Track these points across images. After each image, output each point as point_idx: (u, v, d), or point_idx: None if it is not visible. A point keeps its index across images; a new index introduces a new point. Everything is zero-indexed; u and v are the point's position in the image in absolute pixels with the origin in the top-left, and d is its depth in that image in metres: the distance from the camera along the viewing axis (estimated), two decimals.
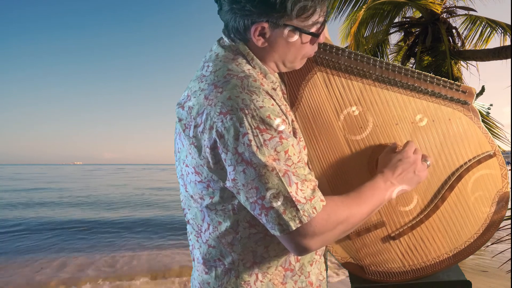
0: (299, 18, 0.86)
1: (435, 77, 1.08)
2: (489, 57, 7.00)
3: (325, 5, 0.89)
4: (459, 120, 1.08)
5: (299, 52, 0.93)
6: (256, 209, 0.81)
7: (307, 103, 1.09)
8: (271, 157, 0.79)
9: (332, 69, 1.10)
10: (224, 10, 0.89)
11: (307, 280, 0.99)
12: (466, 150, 1.09)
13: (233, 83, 0.84)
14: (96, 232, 9.81)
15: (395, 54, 9.48)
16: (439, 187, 1.10)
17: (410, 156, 1.00)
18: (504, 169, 1.09)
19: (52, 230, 10.09)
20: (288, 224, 0.80)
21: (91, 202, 17.46)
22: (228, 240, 0.92)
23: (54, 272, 6.11)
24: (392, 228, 1.12)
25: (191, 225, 0.99)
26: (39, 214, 13.24)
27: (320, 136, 1.09)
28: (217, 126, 0.81)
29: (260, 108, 0.80)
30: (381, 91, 1.09)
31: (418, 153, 1.02)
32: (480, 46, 8.21)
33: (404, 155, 1.00)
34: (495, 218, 1.11)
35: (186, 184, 0.94)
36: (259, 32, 0.87)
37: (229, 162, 0.81)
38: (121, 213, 13.38)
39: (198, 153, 0.86)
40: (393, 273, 1.15)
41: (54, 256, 7.20)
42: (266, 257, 0.93)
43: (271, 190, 0.79)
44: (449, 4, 8.37)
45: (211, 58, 0.93)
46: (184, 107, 0.90)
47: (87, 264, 6.54)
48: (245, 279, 0.93)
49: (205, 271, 0.97)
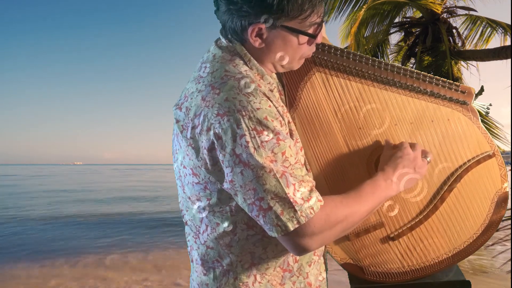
0: (296, 19, 0.86)
1: (434, 77, 1.08)
2: (489, 57, 6.99)
3: (322, 6, 0.88)
4: (458, 120, 1.08)
5: (297, 53, 0.93)
6: (254, 210, 0.81)
7: (306, 104, 1.09)
8: (268, 158, 0.79)
9: (331, 70, 1.09)
10: (221, 11, 0.88)
11: (306, 281, 0.98)
12: (465, 150, 1.09)
13: (230, 85, 0.83)
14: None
15: (395, 54, 9.48)
16: (438, 188, 1.10)
17: (410, 153, 1.00)
18: (503, 169, 1.09)
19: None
20: (286, 225, 0.80)
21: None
22: (226, 241, 0.92)
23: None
24: (391, 229, 1.12)
25: (189, 226, 0.99)
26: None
27: (319, 136, 1.09)
28: (215, 128, 0.80)
29: (257, 109, 0.80)
30: (380, 91, 1.08)
31: (417, 149, 1.02)
32: (481, 46, 8.21)
33: (404, 152, 1.00)
34: (494, 218, 1.11)
35: (184, 185, 0.94)
36: (256, 33, 0.87)
37: (227, 163, 0.81)
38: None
39: (196, 155, 0.85)
40: (392, 273, 1.15)
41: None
42: (264, 258, 0.93)
43: (268, 191, 0.79)
44: (449, 4, 8.37)
45: (208, 59, 0.93)
46: (181, 108, 0.90)
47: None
48: (243, 280, 0.93)
49: (204, 272, 0.97)
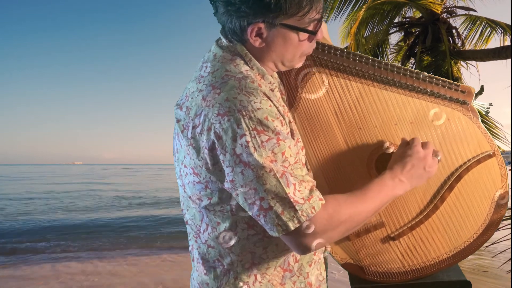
0: (295, 17, 0.86)
1: (434, 77, 1.08)
2: (489, 57, 6.99)
3: (320, 2, 0.88)
4: (458, 120, 1.08)
5: (297, 51, 0.93)
6: (255, 210, 0.81)
7: (306, 104, 1.09)
8: (268, 158, 0.79)
9: (331, 70, 1.09)
10: (219, 12, 0.88)
11: (306, 281, 0.98)
12: (465, 150, 1.09)
13: (230, 84, 0.83)
14: None
15: (395, 54, 9.48)
16: (438, 187, 1.10)
17: (419, 151, 0.98)
18: (503, 169, 1.09)
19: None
20: (286, 225, 0.80)
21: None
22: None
23: None
24: (391, 229, 1.12)
25: (190, 225, 0.99)
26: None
27: (319, 136, 1.09)
28: (215, 128, 0.80)
29: (257, 109, 0.80)
30: (380, 91, 1.09)
31: (428, 148, 1.00)
32: (480, 46, 8.22)
33: (414, 150, 0.98)
34: (495, 217, 1.11)
35: (185, 184, 0.94)
36: (255, 32, 0.87)
37: (227, 163, 0.81)
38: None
39: (197, 154, 0.85)
40: (393, 273, 1.15)
41: None
42: (265, 258, 0.93)
43: (269, 191, 0.79)
44: (449, 4, 8.38)
45: (209, 59, 0.93)
46: (182, 108, 0.90)
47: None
48: (244, 280, 0.93)
49: (204, 272, 0.97)
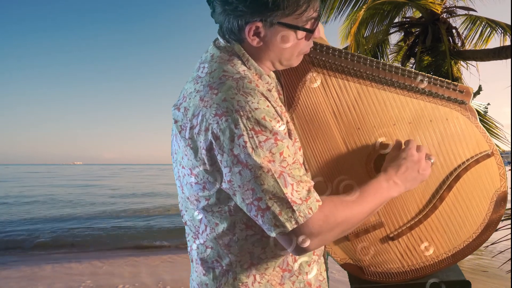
0: (293, 15, 0.86)
1: (432, 77, 1.08)
2: (489, 57, 6.98)
3: (317, 0, 0.88)
4: (457, 119, 1.08)
5: (295, 49, 0.93)
6: (252, 210, 0.81)
7: (304, 104, 1.09)
8: (266, 158, 0.79)
9: (329, 70, 1.09)
10: (217, 12, 0.88)
11: (305, 281, 0.98)
12: (464, 150, 1.09)
13: (228, 85, 0.83)
14: None
15: (395, 54, 9.47)
16: (437, 187, 1.10)
17: (414, 154, 0.99)
18: (502, 168, 1.09)
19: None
20: (284, 225, 0.80)
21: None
22: (225, 241, 0.92)
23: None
24: (390, 229, 1.12)
25: (189, 226, 0.99)
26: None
27: (317, 136, 1.09)
28: (213, 128, 0.81)
29: (255, 109, 0.80)
30: (378, 91, 1.09)
31: (422, 151, 1.01)
32: (480, 46, 8.20)
33: (408, 153, 0.99)
34: (494, 217, 1.11)
35: (183, 185, 0.94)
36: (253, 32, 0.87)
37: (225, 163, 0.81)
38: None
39: (194, 155, 0.86)
40: (392, 273, 1.15)
41: None
42: (264, 258, 0.93)
43: (266, 191, 0.79)
44: (449, 4, 8.36)
45: (206, 59, 0.93)
46: (180, 109, 0.90)
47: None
48: (242, 280, 0.93)
49: (203, 272, 0.97)
